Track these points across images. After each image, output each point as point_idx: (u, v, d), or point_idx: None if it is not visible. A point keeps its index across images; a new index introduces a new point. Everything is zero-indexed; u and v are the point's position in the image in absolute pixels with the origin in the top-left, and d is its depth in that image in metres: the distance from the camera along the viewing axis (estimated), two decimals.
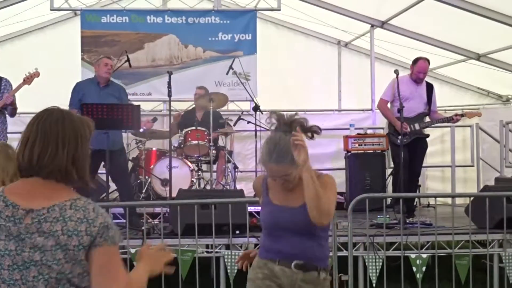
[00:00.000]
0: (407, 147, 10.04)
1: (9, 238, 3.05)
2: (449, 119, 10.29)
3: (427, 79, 10.80)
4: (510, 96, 14.98)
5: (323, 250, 4.60)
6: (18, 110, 9.90)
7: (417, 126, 10.14)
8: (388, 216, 9.04)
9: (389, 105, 10.48)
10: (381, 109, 10.64)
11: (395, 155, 10.50)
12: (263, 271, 4.58)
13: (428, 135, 10.55)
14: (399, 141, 9.95)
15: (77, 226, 3.03)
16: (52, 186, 3.14)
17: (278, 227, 4.52)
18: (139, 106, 9.91)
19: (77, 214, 3.06)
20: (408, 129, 10.10)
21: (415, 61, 10.48)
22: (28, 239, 3.03)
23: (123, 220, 9.08)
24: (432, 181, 15.30)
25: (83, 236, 3.03)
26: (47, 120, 3.17)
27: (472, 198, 8.94)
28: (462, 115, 10.27)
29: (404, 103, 9.87)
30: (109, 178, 9.80)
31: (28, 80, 9.63)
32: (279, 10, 13.46)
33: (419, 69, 10.35)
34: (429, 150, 12.74)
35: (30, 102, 10.26)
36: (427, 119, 10.45)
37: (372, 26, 13.45)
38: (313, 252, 4.50)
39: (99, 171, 10.29)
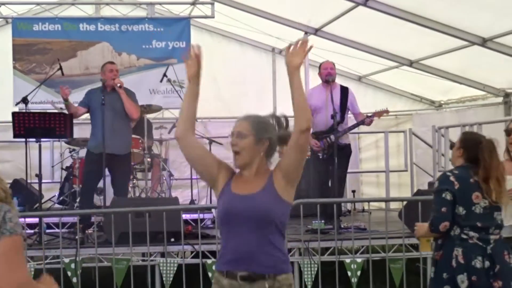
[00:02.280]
0: (328, 160, 9.96)
1: None
2: (361, 123, 10.23)
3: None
4: (442, 102, 15.18)
5: (275, 251, 4.35)
6: None
7: (332, 138, 9.92)
8: (323, 221, 9.08)
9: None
10: None
11: (315, 168, 10.29)
12: (216, 286, 4.46)
13: (348, 144, 10.37)
14: (320, 156, 9.99)
15: None
16: None
17: (231, 218, 4.36)
18: (71, 114, 9.80)
19: None
20: (321, 147, 9.99)
21: (319, 66, 10.46)
22: None
23: (57, 230, 8.99)
24: (367, 186, 15.45)
25: None
26: None
27: (405, 203, 9.02)
28: (372, 116, 10.22)
29: (315, 115, 9.85)
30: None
31: None
32: (213, 17, 13.43)
33: (324, 68, 10.24)
34: (363, 155, 12.81)
35: None
36: (342, 127, 10.20)
37: (306, 33, 13.50)
38: (263, 256, 4.30)
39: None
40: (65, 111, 10.02)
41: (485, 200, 5.51)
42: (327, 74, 10.09)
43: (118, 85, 9.88)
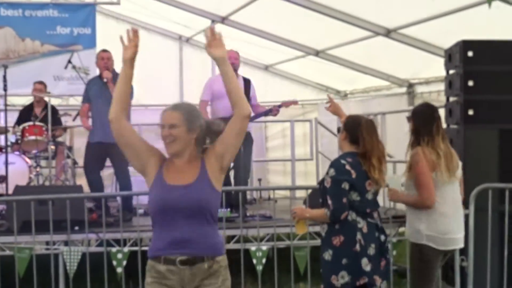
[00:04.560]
0: None
1: None
2: (269, 112, 10.30)
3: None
4: (347, 92, 15.37)
5: (212, 237, 4.46)
6: None
7: None
8: (228, 209, 9.09)
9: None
10: (200, 111, 10.43)
11: None
12: (152, 273, 4.46)
13: (249, 132, 10.34)
14: None
15: None
16: None
17: (166, 210, 4.39)
18: None
19: None
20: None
21: None
22: None
23: None
24: (273, 174, 15.56)
25: None
26: None
27: (310, 191, 9.09)
28: (280, 106, 10.31)
29: (219, 102, 9.92)
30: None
31: None
32: (119, 4, 13.34)
33: (228, 58, 10.32)
34: (270, 144, 12.86)
35: None
36: None
37: (213, 21, 13.48)
38: (200, 240, 4.38)
39: None
40: None
41: (375, 187, 5.76)
42: (231, 63, 10.12)
43: (105, 80, 9.69)
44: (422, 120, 6.47)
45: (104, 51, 10.21)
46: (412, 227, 6.47)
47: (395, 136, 11.64)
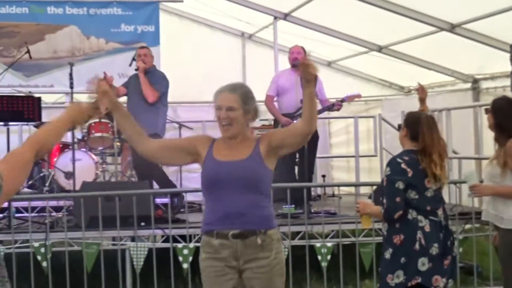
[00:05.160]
0: None
1: None
2: (331, 106, 10.27)
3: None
4: (411, 88, 15.23)
5: (264, 210, 4.55)
6: None
7: None
8: (293, 206, 9.08)
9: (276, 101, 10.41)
10: (267, 105, 10.43)
11: None
12: (205, 249, 4.57)
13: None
14: None
15: None
16: None
17: (219, 183, 4.47)
18: (39, 98, 9.72)
19: None
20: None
21: (289, 50, 10.54)
22: None
23: (26, 214, 8.93)
24: (337, 171, 15.49)
25: None
26: None
27: (374, 187, 9.05)
28: (343, 100, 10.26)
29: (284, 97, 9.93)
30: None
31: None
32: (182, 1, 13.42)
33: (291, 52, 10.36)
34: (334, 140, 12.77)
35: None
36: None
37: (276, 18, 13.47)
38: (252, 213, 4.46)
39: None
40: (34, 95, 9.94)
41: (436, 183, 5.64)
42: (294, 58, 10.19)
43: (135, 68, 10.24)
44: (503, 115, 6.37)
45: (141, 48, 10.58)
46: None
47: (460, 132, 11.54)
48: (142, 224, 8.44)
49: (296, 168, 10.28)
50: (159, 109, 10.21)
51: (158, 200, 9.49)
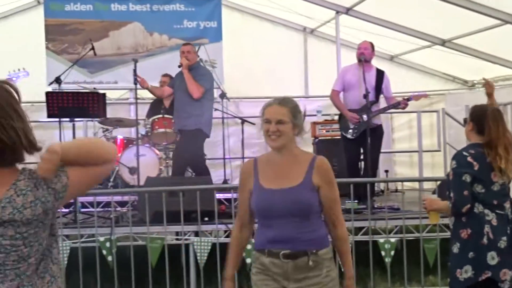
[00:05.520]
0: (358, 140, 9.90)
1: None
2: (397, 104, 10.16)
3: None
4: (475, 81, 15.07)
5: (315, 233, 4.51)
6: None
7: (365, 118, 9.85)
8: (356, 201, 9.05)
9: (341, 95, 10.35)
10: (333, 100, 10.32)
11: (345, 149, 10.25)
12: (256, 265, 4.56)
13: (380, 125, 10.22)
14: (349, 135, 9.95)
15: (33, 211, 2.88)
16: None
17: (270, 212, 4.46)
18: (104, 94, 9.82)
19: (28, 198, 2.89)
20: (359, 120, 9.88)
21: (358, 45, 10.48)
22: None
23: (91, 209, 9.04)
24: (400, 166, 15.37)
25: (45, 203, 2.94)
26: None
27: (438, 182, 8.97)
28: (409, 99, 10.15)
29: (349, 93, 9.88)
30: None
31: None
32: None
33: (358, 47, 10.29)
34: (396, 135, 12.66)
35: None
36: (376, 107, 10.14)
37: (337, 12, 13.43)
38: (302, 237, 4.43)
39: None
40: (98, 91, 10.06)
41: (502, 177, 5.60)
42: (360, 54, 10.10)
43: (178, 64, 10.29)
44: None
45: (185, 44, 10.59)
46: None
47: None
48: (206, 219, 8.49)
49: (361, 164, 10.22)
50: (204, 104, 10.19)
51: (221, 196, 9.52)
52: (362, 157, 10.12)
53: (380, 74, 10.11)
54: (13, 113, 2.94)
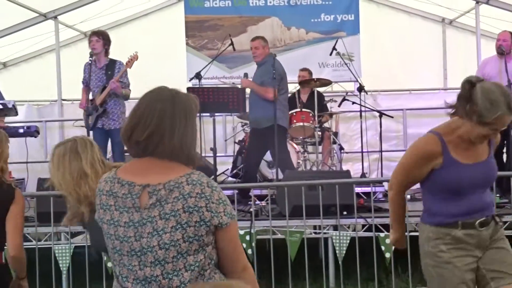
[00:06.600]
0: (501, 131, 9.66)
1: (129, 224, 3.10)
2: None
3: None
4: None
5: (492, 198, 4.84)
6: None
7: None
8: (498, 195, 8.86)
9: None
10: None
11: None
12: (445, 240, 4.53)
13: None
14: None
15: (197, 202, 3.05)
16: (166, 164, 3.15)
17: (471, 186, 4.53)
18: (244, 89, 9.99)
19: (195, 189, 3.06)
20: None
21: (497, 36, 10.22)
22: (149, 223, 3.07)
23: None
24: None
25: (204, 212, 3.05)
26: (157, 99, 3.18)
27: None
28: None
29: None
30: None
31: (128, 64, 9.83)
32: None
33: (497, 38, 10.03)
34: None
35: (135, 88, 10.26)
36: None
37: (477, 2, 13.14)
38: (490, 204, 4.62)
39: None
40: (238, 86, 10.22)
41: None
42: (499, 45, 9.90)
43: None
44: None
45: (252, 40, 10.64)
46: None
47: None
48: (344, 213, 8.49)
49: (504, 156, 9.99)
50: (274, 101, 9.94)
51: (359, 190, 9.50)
52: (504, 149, 9.90)
53: None
54: (183, 118, 3.20)
